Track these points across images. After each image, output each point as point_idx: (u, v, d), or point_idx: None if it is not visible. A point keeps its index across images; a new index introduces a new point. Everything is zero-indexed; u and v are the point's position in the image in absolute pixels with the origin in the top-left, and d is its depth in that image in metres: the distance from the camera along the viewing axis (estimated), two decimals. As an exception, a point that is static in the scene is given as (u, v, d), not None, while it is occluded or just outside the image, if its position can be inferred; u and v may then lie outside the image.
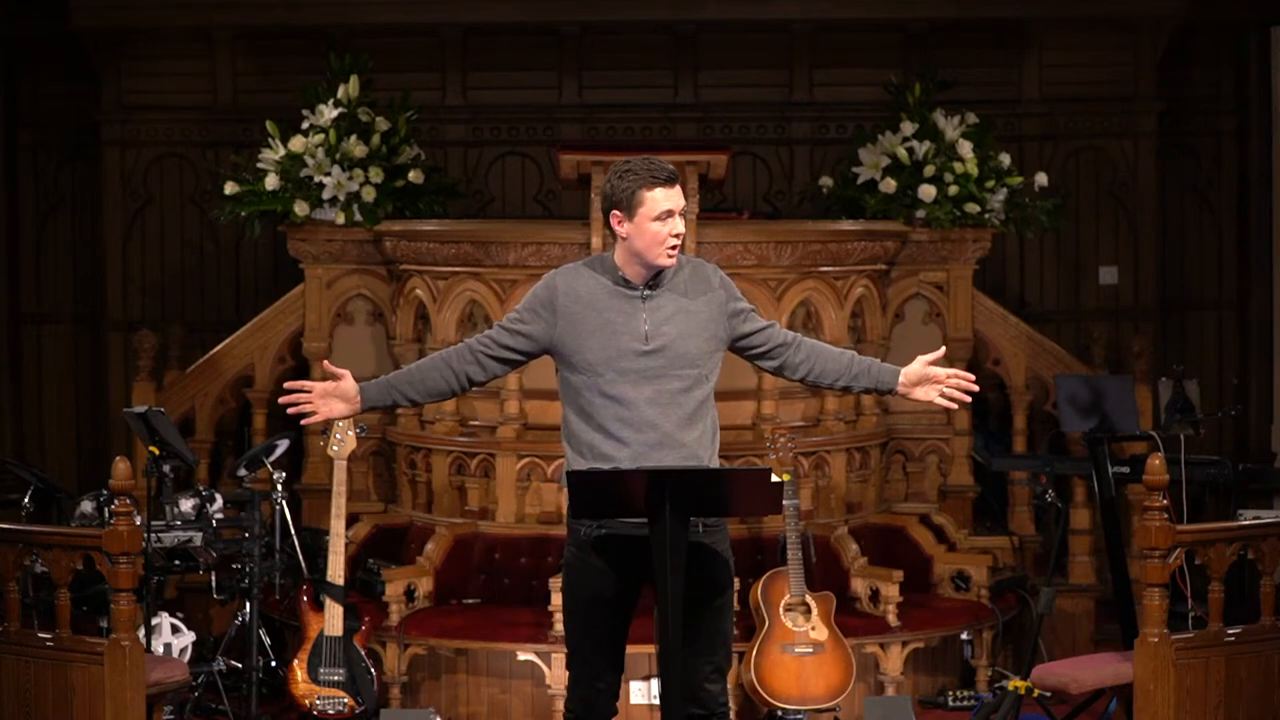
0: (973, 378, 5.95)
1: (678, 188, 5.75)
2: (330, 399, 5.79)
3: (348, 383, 5.80)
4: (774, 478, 5.76)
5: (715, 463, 5.85)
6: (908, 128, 9.38)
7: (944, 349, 6.15)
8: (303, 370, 9.52)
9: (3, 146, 11.12)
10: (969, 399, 5.99)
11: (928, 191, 9.18)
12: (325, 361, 5.89)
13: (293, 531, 8.46)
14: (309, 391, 5.79)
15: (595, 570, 5.77)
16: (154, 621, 8.01)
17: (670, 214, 5.72)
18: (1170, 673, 6.77)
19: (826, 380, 5.94)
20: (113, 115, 10.82)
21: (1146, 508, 6.85)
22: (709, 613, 5.77)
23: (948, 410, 9.26)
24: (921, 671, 8.52)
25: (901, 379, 5.93)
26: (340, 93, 9.38)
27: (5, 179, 11.14)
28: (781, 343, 5.92)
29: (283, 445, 8.49)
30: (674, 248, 5.75)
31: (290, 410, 5.82)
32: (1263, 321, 11.09)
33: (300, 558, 8.41)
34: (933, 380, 5.94)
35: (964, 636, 8.60)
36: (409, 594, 8.42)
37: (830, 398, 8.93)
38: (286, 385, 5.85)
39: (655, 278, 5.77)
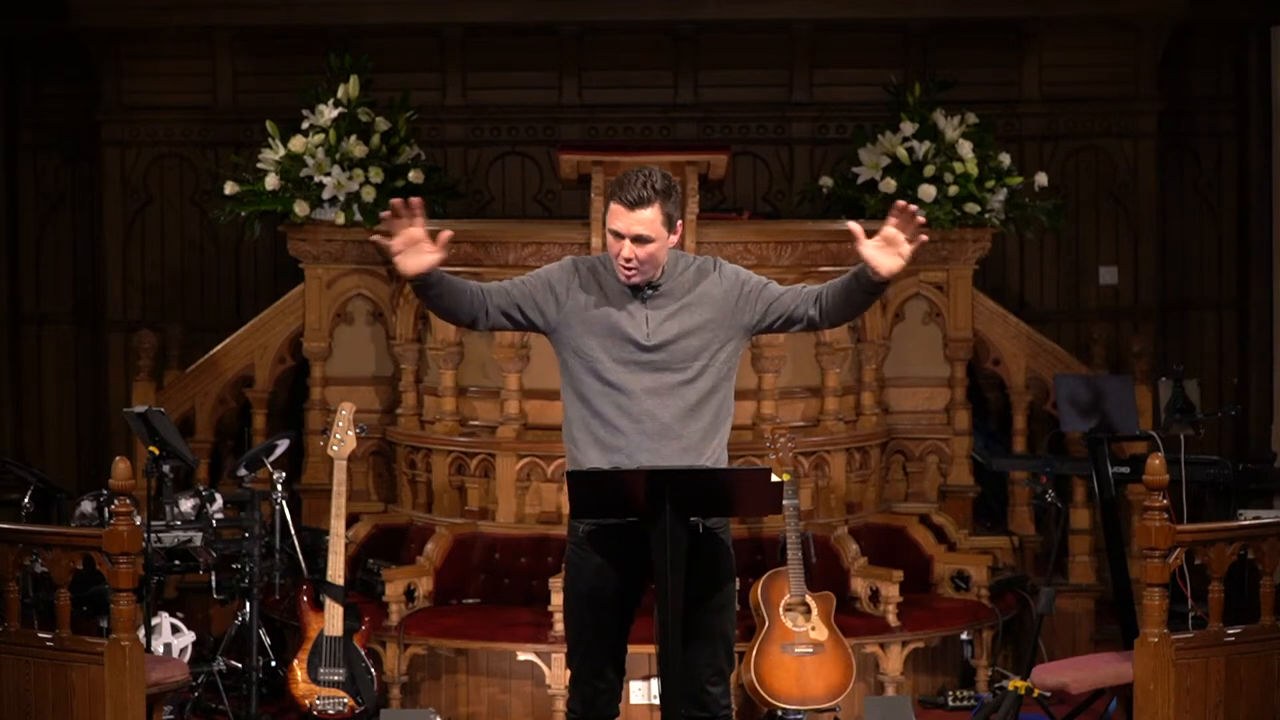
0: (903, 204, 5.69)
1: (638, 214, 5.62)
2: (412, 251, 5.53)
3: (432, 257, 5.56)
4: (774, 478, 5.75)
5: (721, 459, 5.82)
6: (908, 128, 9.38)
7: (856, 225, 5.81)
8: (303, 370, 9.53)
9: (3, 146, 11.12)
10: (923, 220, 5.76)
11: (928, 191, 9.18)
12: (447, 232, 5.61)
13: (293, 531, 8.46)
14: (410, 226, 5.53)
15: (594, 567, 5.77)
16: (154, 621, 8.01)
17: (620, 236, 5.66)
18: (1170, 673, 6.78)
19: (843, 315, 5.81)
20: (113, 115, 10.82)
21: (1146, 508, 6.86)
22: (710, 614, 5.77)
23: (948, 410, 9.37)
24: (921, 671, 8.52)
25: (869, 269, 5.69)
26: (340, 93, 9.38)
27: (5, 179, 11.13)
28: (799, 304, 5.77)
29: (283, 445, 8.50)
30: (627, 267, 5.68)
31: (384, 214, 5.55)
32: (1263, 321, 11.08)
33: (300, 558, 8.41)
34: (887, 242, 5.71)
35: (964, 636, 8.60)
36: (409, 594, 8.42)
37: (830, 398, 8.93)
38: (411, 200, 5.55)
39: (657, 278, 5.77)
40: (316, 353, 9.38)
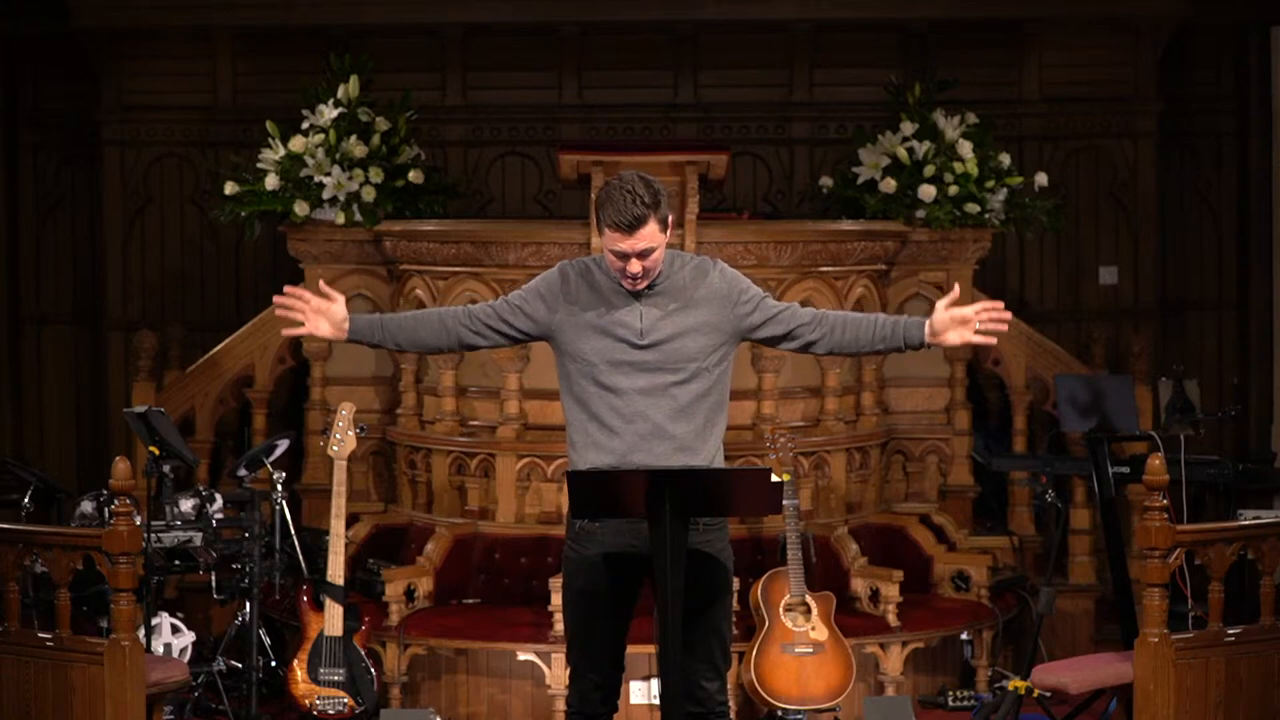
0: (1001, 305, 5.81)
1: (639, 234, 5.64)
2: (320, 317, 5.84)
3: (339, 307, 5.85)
4: (774, 478, 5.75)
5: (717, 460, 5.83)
6: (908, 128, 9.37)
7: (958, 286, 6.02)
8: (303, 370, 9.53)
9: (3, 146, 11.12)
10: (1005, 328, 5.86)
11: (928, 191, 9.18)
12: (322, 281, 5.90)
13: (293, 531, 8.46)
14: (306, 302, 5.83)
15: (589, 564, 5.79)
16: (154, 621, 8.01)
17: (625, 256, 5.69)
18: (1170, 673, 6.78)
19: (849, 350, 5.86)
20: (113, 115, 10.82)
21: (1146, 508, 6.86)
22: (707, 612, 5.78)
23: (948, 410, 9.37)
24: (921, 671, 8.52)
25: (928, 331, 5.80)
26: (340, 93, 9.38)
27: (5, 179, 11.14)
28: (801, 323, 5.84)
29: (283, 445, 8.50)
30: (632, 281, 5.72)
31: (279, 312, 5.87)
32: (1263, 321, 11.08)
33: (300, 558, 8.41)
34: (961, 321, 5.81)
35: (964, 636, 8.60)
36: (409, 594, 8.42)
37: (830, 398, 8.93)
38: (286, 289, 5.87)
39: (655, 276, 5.77)
40: (316, 353, 9.38)
